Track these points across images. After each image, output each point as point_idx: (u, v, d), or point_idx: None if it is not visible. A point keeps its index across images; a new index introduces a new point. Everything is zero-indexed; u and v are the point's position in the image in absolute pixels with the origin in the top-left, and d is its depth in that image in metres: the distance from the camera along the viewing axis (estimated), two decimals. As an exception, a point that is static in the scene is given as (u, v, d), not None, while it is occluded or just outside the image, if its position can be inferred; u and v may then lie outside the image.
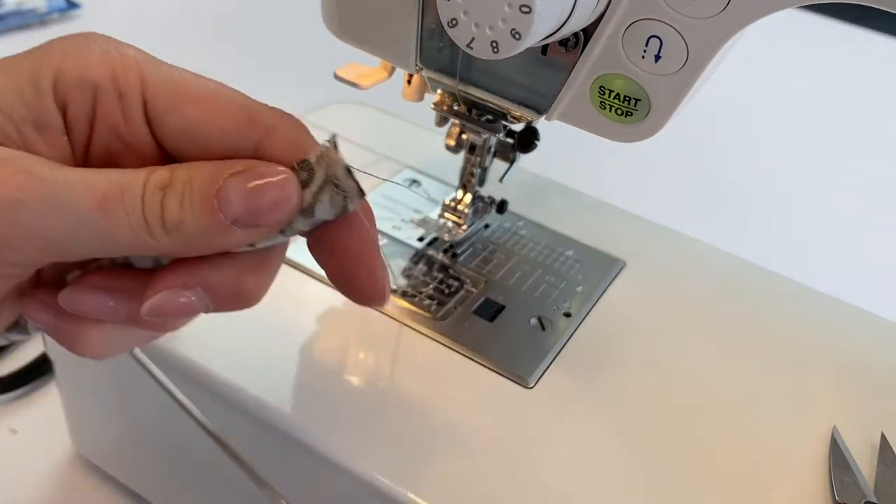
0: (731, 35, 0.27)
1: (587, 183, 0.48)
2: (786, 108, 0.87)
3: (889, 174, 0.78)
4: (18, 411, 0.44)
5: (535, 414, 0.32)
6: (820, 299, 0.41)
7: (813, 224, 0.69)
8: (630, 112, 0.29)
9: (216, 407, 0.31)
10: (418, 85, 0.38)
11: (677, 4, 0.26)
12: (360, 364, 0.33)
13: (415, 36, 0.32)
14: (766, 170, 0.76)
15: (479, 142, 0.37)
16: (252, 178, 0.21)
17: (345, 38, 0.34)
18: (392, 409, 0.31)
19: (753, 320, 0.39)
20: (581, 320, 0.37)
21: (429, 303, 0.36)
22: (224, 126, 0.22)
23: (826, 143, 0.82)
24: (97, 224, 0.20)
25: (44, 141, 0.22)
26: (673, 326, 0.37)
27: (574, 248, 0.41)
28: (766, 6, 0.26)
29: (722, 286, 0.40)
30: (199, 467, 0.36)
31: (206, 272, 0.22)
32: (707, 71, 0.28)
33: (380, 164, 0.45)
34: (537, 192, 0.45)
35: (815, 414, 0.34)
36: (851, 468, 0.31)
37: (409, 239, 0.40)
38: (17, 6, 0.78)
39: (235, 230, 0.21)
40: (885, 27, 1.04)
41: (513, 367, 0.33)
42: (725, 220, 0.65)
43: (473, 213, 0.40)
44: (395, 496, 0.28)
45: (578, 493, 0.29)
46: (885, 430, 0.33)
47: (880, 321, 0.40)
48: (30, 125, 0.22)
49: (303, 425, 0.30)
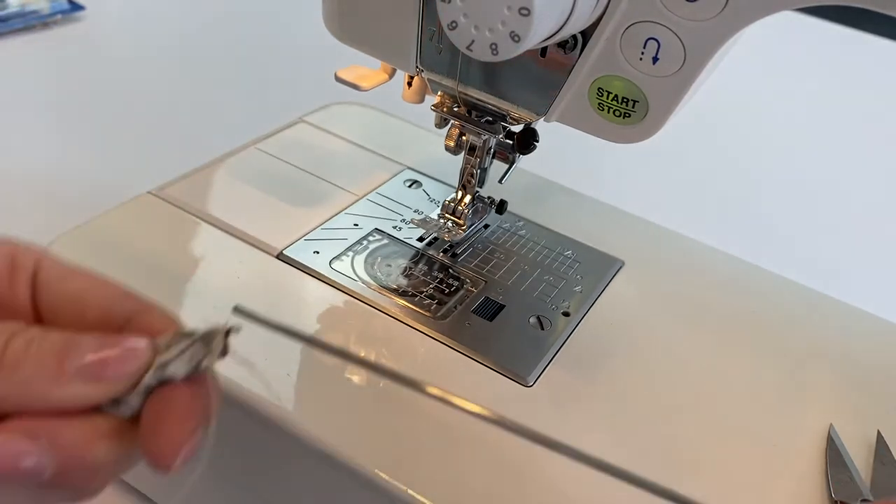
0: (728, 37, 0.27)
1: (586, 183, 0.48)
2: (783, 110, 0.87)
3: (887, 175, 0.79)
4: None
5: (534, 412, 0.32)
6: (817, 299, 0.41)
7: (811, 224, 0.69)
8: (628, 113, 0.30)
9: (218, 405, 0.32)
10: (419, 87, 0.38)
11: (675, 7, 0.27)
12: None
13: (415, 38, 0.32)
14: (764, 170, 0.76)
15: (479, 143, 0.38)
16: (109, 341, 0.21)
17: (345, 39, 0.34)
18: (392, 408, 0.31)
19: (751, 320, 0.39)
20: (580, 319, 0.37)
21: (429, 302, 0.36)
22: (103, 295, 0.23)
23: (823, 144, 0.82)
24: None
25: None
26: (671, 326, 0.38)
27: (573, 248, 0.41)
28: (762, 9, 0.26)
29: (720, 286, 0.41)
30: (199, 464, 0.36)
31: (57, 424, 0.21)
32: (704, 73, 0.28)
33: (380, 164, 0.45)
34: (536, 192, 0.45)
35: (811, 412, 0.34)
36: (848, 466, 0.31)
37: (409, 239, 0.40)
38: (21, 7, 0.78)
39: (74, 381, 0.20)
40: (881, 30, 1.04)
41: (512, 365, 0.33)
42: (723, 221, 0.65)
43: (473, 214, 0.40)
44: (395, 494, 0.28)
45: (577, 491, 0.29)
46: (882, 429, 0.33)
47: (877, 321, 0.40)
48: None
49: (303, 424, 0.30)
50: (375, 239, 0.40)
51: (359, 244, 0.39)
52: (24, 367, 0.20)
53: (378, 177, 0.44)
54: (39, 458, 0.20)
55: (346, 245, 0.39)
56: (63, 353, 0.21)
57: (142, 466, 0.39)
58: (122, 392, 0.21)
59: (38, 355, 0.20)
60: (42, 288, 0.24)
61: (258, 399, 0.31)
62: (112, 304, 0.23)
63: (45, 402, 0.21)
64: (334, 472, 0.29)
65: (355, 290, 0.36)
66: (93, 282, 0.24)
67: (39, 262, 0.24)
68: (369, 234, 0.40)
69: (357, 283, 0.37)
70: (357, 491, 0.29)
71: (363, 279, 0.37)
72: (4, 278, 0.23)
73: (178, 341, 0.22)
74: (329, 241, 0.39)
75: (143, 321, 0.23)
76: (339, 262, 0.38)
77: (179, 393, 0.22)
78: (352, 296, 0.36)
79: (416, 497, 0.28)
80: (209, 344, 0.22)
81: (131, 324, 0.23)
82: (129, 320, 0.23)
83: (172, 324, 0.24)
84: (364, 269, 0.38)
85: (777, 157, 0.79)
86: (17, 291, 0.23)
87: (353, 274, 0.37)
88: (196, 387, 0.22)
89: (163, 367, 0.22)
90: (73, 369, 0.20)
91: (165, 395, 0.22)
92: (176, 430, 0.21)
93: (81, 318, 0.23)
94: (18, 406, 0.21)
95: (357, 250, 0.39)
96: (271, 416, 0.30)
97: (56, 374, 0.20)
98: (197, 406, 0.22)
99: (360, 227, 0.40)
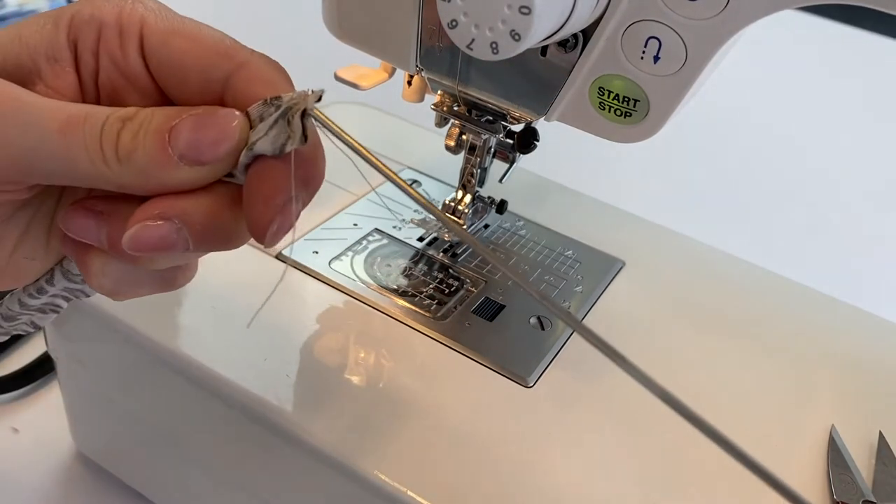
0: (729, 36, 0.27)
1: (587, 183, 0.48)
2: (784, 109, 0.87)
3: (887, 174, 0.79)
4: (20, 410, 0.44)
5: (534, 413, 0.32)
6: (819, 299, 0.41)
7: (811, 224, 0.69)
8: (629, 112, 0.30)
9: (216, 406, 0.32)
10: (418, 86, 0.38)
11: (676, 6, 0.27)
12: (360, 363, 0.33)
13: (415, 37, 0.32)
14: (765, 170, 0.76)
15: (479, 142, 0.38)
16: (204, 117, 0.22)
17: (345, 39, 0.34)
18: (392, 408, 0.31)
19: (752, 320, 0.39)
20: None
21: (429, 302, 0.36)
22: (201, 57, 0.24)
23: (824, 143, 0.82)
24: (58, 144, 0.22)
25: (52, 71, 0.24)
26: (671, 326, 0.37)
27: (573, 248, 0.41)
28: (763, 8, 0.26)
29: (720, 286, 0.41)
30: (200, 465, 0.36)
31: (183, 202, 0.23)
32: (705, 72, 0.28)
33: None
34: (537, 192, 0.45)
35: (813, 413, 0.34)
36: (850, 467, 0.31)
37: (409, 239, 0.40)
38: (19, 7, 0.78)
39: (182, 166, 0.22)
40: (882, 28, 1.04)
41: (512, 366, 0.33)
42: (724, 221, 0.65)
43: (473, 214, 0.40)
44: (395, 495, 0.28)
45: (578, 492, 0.29)
46: (884, 430, 0.33)
47: (879, 321, 0.40)
48: (42, 56, 0.24)
49: (303, 424, 0.30)
50: (375, 239, 0.40)
51: (358, 244, 0.39)
52: (136, 158, 0.22)
53: (378, 176, 0.44)
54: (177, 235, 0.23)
55: (346, 245, 0.39)
56: (164, 142, 0.22)
57: (142, 465, 0.39)
58: (226, 170, 0.23)
59: (145, 145, 0.22)
60: (148, 54, 0.24)
61: (258, 399, 0.30)
62: (210, 66, 0.24)
63: (165, 186, 0.23)
64: (334, 472, 0.29)
65: (355, 291, 0.36)
66: (191, 42, 0.24)
67: (144, 22, 0.24)
68: (369, 234, 0.40)
69: (357, 284, 0.36)
70: (357, 491, 0.29)
71: (363, 279, 0.37)
72: (117, 48, 0.24)
73: (267, 111, 0.23)
74: (328, 241, 0.39)
75: (240, 82, 0.23)
76: (338, 263, 0.38)
77: (268, 168, 0.23)
78: (351, 296, 0.36)
79: (415, 498, 0.28)
80: (290, 123, 0.23)
81: (230, 85, 0.24)
82: (228, 81, 0.24)
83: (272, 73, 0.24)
84: (364, 269, 0.38)
85: (778, 156, 0.79)
86: (130, 60, 0.24)
87: (353, 274, 0.37)
88: (284, 163, 0.23)
89: (251, 147, 0.22)
90: (176, 155, 0.22)
91: (258, 170, 0.23)
92: (264, 204, 0.23)
93: (185, 84, 0.24)
94: (147, 191, 0.23)
95: (357, 250, 0.39)
96: (271, 417, 0.30)
97: (164, 162, 0.22)
98: (284, 181, 0.23)
99: (360, 227, 0.40)
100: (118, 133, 0.22)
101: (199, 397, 0.32)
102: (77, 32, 0.24)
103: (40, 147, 0.22)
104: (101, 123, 0.22)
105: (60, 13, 0.24)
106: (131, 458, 0.40)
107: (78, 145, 0.22)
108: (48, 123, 0.22)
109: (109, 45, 0.24)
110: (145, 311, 0.33)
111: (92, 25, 0.24)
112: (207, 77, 0.24)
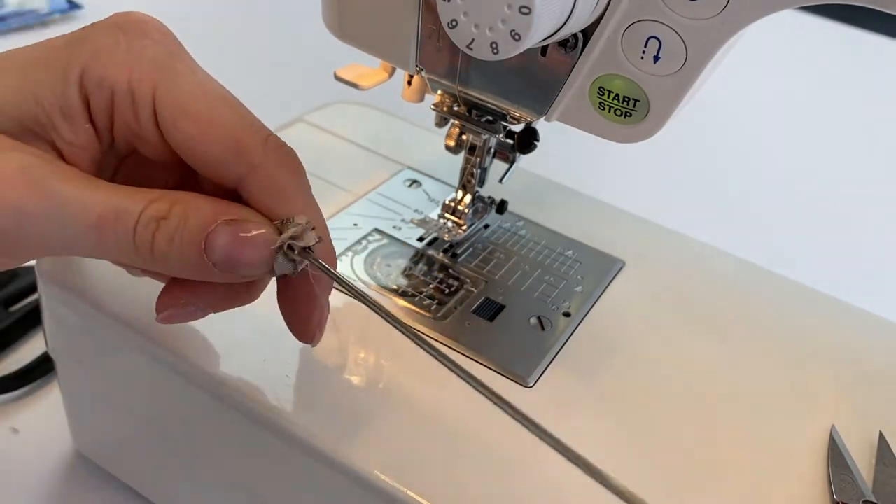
0: (729, 36, 0.27)
1: (587, 183, 0.48)
2: (784, 109, 0.87)
3: (887, 174, 0.79)
4: (20, 411, 0.44)
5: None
6: (819, 299, 0.41)
7: (811, 224, 0.69)
8: (629, 112, 0.30)
9: (216, 406, 0.32)
10: (418, 86, 0.38)
11: (676, 6, 0.27)
12: (359, 364, 0.33)
13: (415, 37, 0.32)
14: (765, 170, 0.76)
15: (479, 142, 0.38)
16: (239, 232, 0.24)
17: (345, 38, 0.34)
18: (392, 408, 0.31)
19: (753, 320, 0.39)
20: (580, 320, 0.37)
21: (429, 303, 0.36)
22: (214, 152, 0.25)
23: (824, 143, 0.82)
24: (91, 240, 0.23)
25: (69, 127, 0.24)
26: (672, 326, 0.37)
27: (574, 248, 0.41)
28: (764, 8, 0.26)
29: (721, 286, 0.41)
30: (200, 466, 0.36)
31: (202, 290, 0.26)
32: (706, 72, 0.28)
33: (380, 164, 0.45)
34: (537, 192, 0.45)
35: (813, 413, 0.34)
36: (850, 467, 0.31)
37: (409, 239, 0.40)
38: (19, 6, 0.78)
39: (216, 272, 0.24)
40: (882, 28, 1.04)
41: (512, 366, 0.33)
42: (724, 220, 0.65)
43: (473, 214, 0.40)
44: (395, 495, 0.28)
45: (578, 492, 0.29)
46: (884, 430, 0.33)
47: (879, 321, 0.40)
48: (58, 112, 0.24)
49: (303, 424, 0.30)
50: (375, 239, 0.40)
51: (358, 244, 0.39)
52: (173, 262, 0.24)
53: (378, 176, 0.44)
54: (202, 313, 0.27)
55: (346, 245, 0.39)
56: (200, 250, 0.23)
57: (142, 466, 0.39)
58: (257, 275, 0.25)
59: (181, 252, 0.23)
60: (162, 127, 0.25)
61: (258, 399, 0.30)
62: (223, 161, 0.25)
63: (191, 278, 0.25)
64: (334, 472, 0.29)
65: (355, 291, 0.36)
66: (201, 130, 0.24)
67: (156, 94, 0.24)
68: (369, 233, 0.40)
69: (356, 284, 0.36)
70: (357, 492, 0.29)
71: (362, 279, 0.37)
72: (131, 117, 0.25)
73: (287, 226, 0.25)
74: (328, 241, 0.39)
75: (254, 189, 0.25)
76: (337, 262, 0.37)
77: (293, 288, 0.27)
78: (351, 296, 0.36)
79: (415, 497, 0.28)
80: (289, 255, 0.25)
81: (244, 188, 0.25)
82: (241, 183, 0.25)
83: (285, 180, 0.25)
84: (363, 269, 0.38)
85: (778, 155, 0.79)
86: (144, 127, 0.25)
87: (353, 274, 0.37)
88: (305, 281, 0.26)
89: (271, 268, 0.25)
90: (211, 262, 0.23)
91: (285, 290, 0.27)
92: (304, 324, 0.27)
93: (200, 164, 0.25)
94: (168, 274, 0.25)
95: (356, 250, 0.39)
96: (271, 417, 0.30)
97: (199, 267, 0.24)
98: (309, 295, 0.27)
99: (360, 227, 0.40)
100: (153, 235, 0.23)
101: (199, 398, 0.32)
102: (88, 94, 0.24)
103: (74, 245, 0.23)
104: (133, 223, 0.23)
105: (66, 66, 0.24)
106: (131, 459, 0.40)
107: (110, 242, 0.23)
108: (79, 221, 0.22)
109: (123, 112, 0.25)
110: (145, 312, 0.33)
111: (103, 90, 0.24)
112: (220, 172, 0.25)
